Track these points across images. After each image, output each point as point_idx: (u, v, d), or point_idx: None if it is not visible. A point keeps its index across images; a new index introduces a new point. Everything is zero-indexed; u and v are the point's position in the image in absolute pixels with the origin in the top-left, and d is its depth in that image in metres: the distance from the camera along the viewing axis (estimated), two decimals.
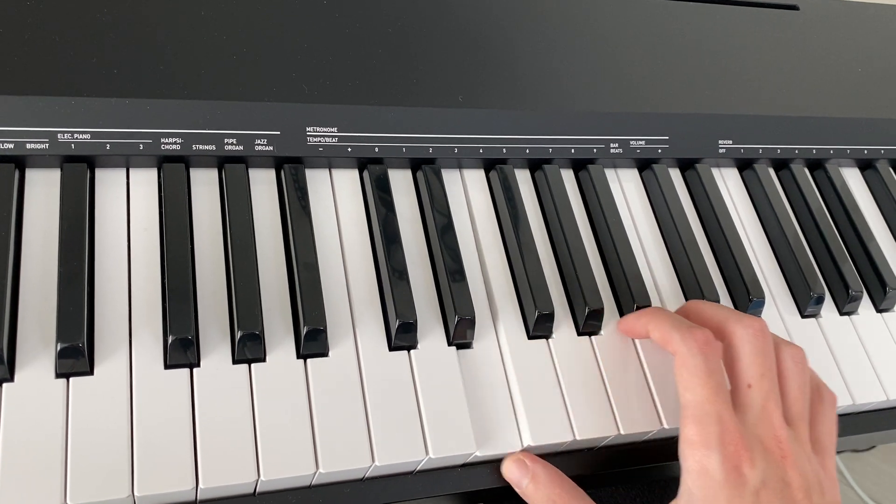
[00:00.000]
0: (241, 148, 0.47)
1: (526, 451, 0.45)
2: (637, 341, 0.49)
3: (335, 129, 0.49)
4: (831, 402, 0.46)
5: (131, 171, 0.46)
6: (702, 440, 0.40)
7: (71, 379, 0.39)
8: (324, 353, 0.43)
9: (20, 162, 0.44)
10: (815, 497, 0.41)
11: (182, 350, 0.41)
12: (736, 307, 0.53)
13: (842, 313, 0.56)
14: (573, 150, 0.54)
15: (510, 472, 0.44)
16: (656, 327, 0.45)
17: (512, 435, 0.44)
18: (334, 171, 0.50)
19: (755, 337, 0.44)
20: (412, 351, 0.45)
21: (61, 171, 0.44)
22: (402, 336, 0.45)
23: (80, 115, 0.44)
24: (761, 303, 0.52)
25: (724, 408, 0.41)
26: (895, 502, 1.00)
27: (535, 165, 0.55)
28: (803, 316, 0.55)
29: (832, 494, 0.42)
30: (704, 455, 0.40)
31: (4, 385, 0.38)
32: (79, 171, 0.44)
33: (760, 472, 0.39)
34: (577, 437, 0.45)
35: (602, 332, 0.49)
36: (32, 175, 0.44)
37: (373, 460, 0.41)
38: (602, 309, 0.48)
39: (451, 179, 0.53)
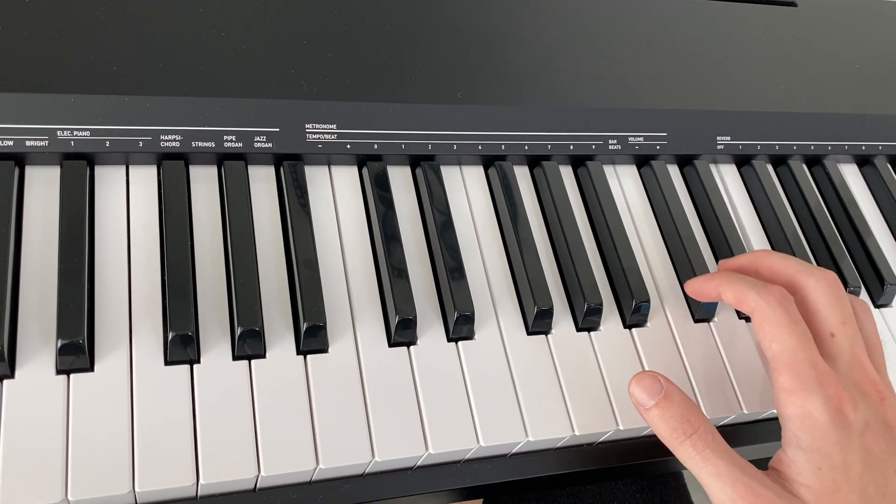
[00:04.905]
0: (241, 145, 0.47)
1: (525, 444, 0.45)
2: (636, 336, 0.49)
3: (334, 126, 0.49)
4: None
5: (131, 168, 0.46)
6: (800, 385, 0.39)
7: (71, 375, 0.39)
8: (324, 350, 0.44)
9: (20, 159, 0.44)
10: None
11: (182, 347, 0.41)
12: None
13: None
14: (572, 147, 0.54)
15: (644, 384, 0.42)
16: (729, 288, 0.45)
17: (511, 430, 0.44)
18: (333, 168, 0.51)
19: (830, 287, 0.43)
20: (412, 347, 0.45)
21: (61, 168, 0.44)
22: (401, 332, 0.45)
23: (80, 112, 0.44)
24: None
25: (816, 354, 0.40)
26: None
27: (533, 162, 0.55)
28: None
29: None
30: (805, 399, 0.39)
31: (5, 382, 0.38)
32: (78, 168, 0.44)
33: (863, 413, 0.39)
34: (577, 433, 0.45)
35: (601, 327, 0.49)
36: (32, 172, 0.45)
37: (373, 456, 0.41)
38: (601, 305, 0.48)
39: (451, 176, 0.53)
